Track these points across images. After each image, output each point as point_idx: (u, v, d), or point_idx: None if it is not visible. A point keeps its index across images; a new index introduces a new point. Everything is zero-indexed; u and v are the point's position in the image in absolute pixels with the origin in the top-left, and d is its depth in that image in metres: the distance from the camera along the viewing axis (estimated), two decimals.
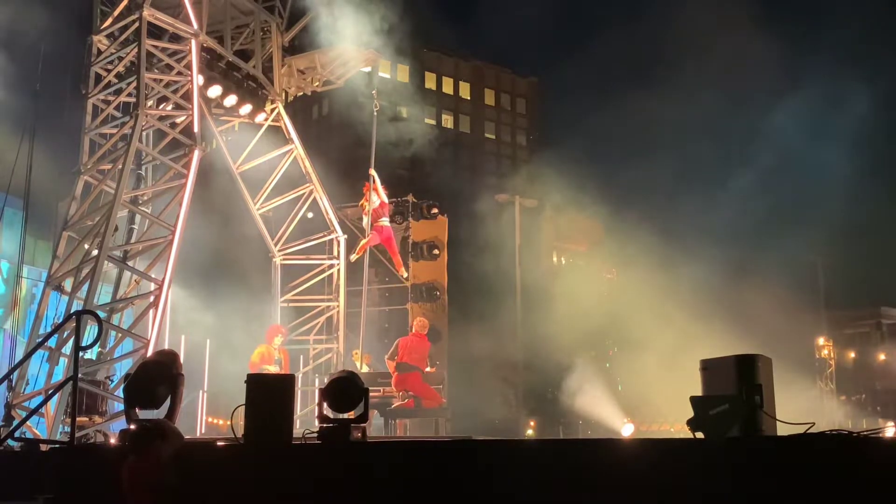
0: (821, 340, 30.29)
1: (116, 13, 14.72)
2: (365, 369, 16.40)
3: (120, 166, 13.33)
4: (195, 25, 14.83)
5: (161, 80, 14.53)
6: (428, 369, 14.64)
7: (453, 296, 20.85)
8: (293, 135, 17.71)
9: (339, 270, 17.97)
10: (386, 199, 16.41)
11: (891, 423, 17.26)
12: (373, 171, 16.01)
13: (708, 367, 7.74)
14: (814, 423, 7.08)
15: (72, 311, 11.83)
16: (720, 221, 25.49)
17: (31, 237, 16.38)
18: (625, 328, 21.34)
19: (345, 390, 7.58)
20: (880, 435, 7.61)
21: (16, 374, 12.19)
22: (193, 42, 14.69)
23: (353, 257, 16.97)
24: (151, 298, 13.12)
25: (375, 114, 17.30)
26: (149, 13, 14.25)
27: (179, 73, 14.58)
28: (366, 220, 16.06)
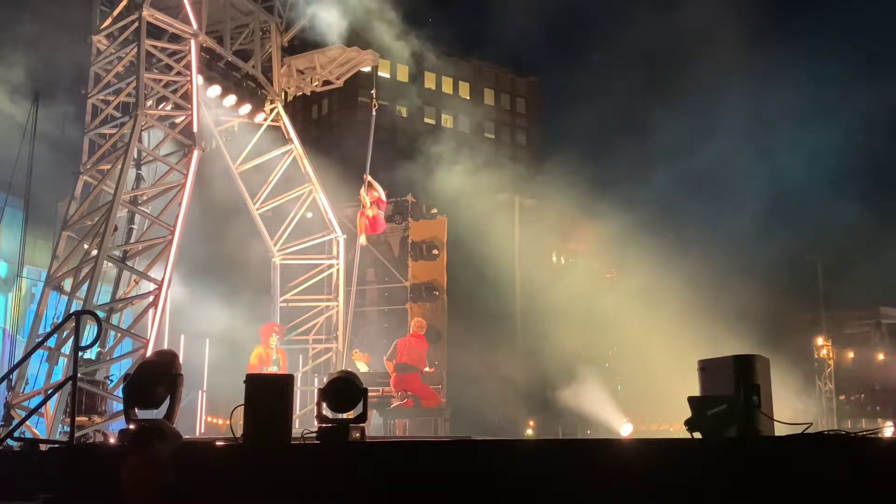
0: (819, 340, 30.27)
1: (116, 13, 14.73)
2: (364, 368, 16.42)
3: (119, 166, 13.35)
4: (195, 25, 14.85)
5: (160, 80, 14.55)
6: (427, 369, 14.66)
7: (453, 296, 20.85)
8: (292, 135, 17.72)
9: (338, 270, 17.99)
10: (384, 197, 16.24)
11: (889, 424, 17.28)
12: (368, 175, 15.98)
13: (706, 367, 7.76)
14: (812, 423, 7.09)
15: (71, 311, 11.84)
16: (720, 221, 25.50)
17: (31, 237, 16.39)
18: (624, 328, 21.35)
19: (344, 390, 7.59)
20: (879, 435, 7.63)
21: (15, 373, 12.20)
22: (193, 42, 14.70)
23: (362, 240, 16.82)
24: (151, 298, 13.13)
25: (374, 114, 17.33)
26: (148, 13, 14.26)
27: (179, 73, 14.59)
28: (366, 222, 16.02)
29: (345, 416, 7.72)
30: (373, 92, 17.81)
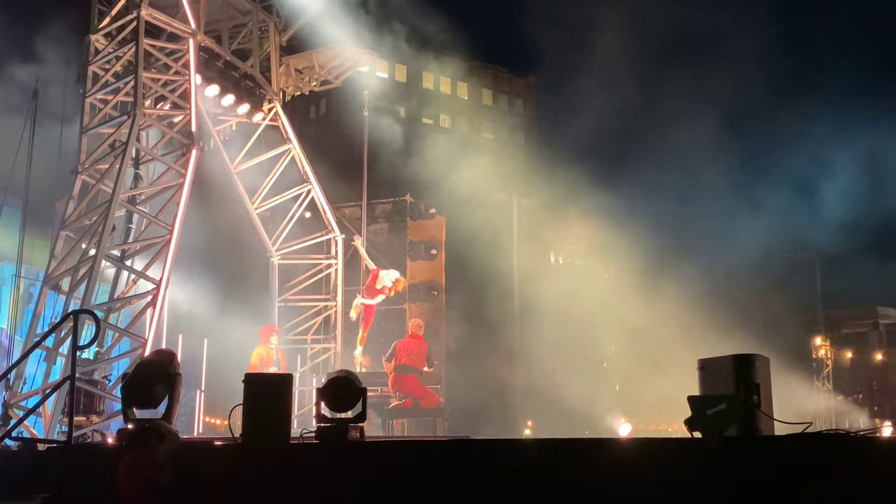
0: (818, 340, 30.28)
1: (114, 12, 14.74)
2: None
3: (117, 165, 13.33)
4: (193, 25, 14.84)
5: (159, 80, 14.55)
6: (426, 369, 14.63)
7: (451, 295, 20.83)
8: (291, 134, 17.71)
9: (336, 270, 17.99)
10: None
11: (888, 423, 17.29)
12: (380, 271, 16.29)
13: (705, 366, 7.74)
14: (811, 423, 7.09)
15: (69, 311, 11.82)
16: (719, 221, 25.49)
17: (29, 236, 16.38)
18: (622, 328, 21.33)
19: (342, 390, 7.57)
20: (877, 435, 7.64)
21: (13, 373, 12.19)
22: (191, 41, 14.70)
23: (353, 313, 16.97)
24: (149, 298, 13.12)
25: (366, 115, 17.36)
26: (147, 12, 14.26)
27: (177, 73, 14.59)
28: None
29: (344, 415, 7.69)
30: (366, 93, 17.86)
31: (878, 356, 32.82)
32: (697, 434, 6.96)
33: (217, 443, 7.76)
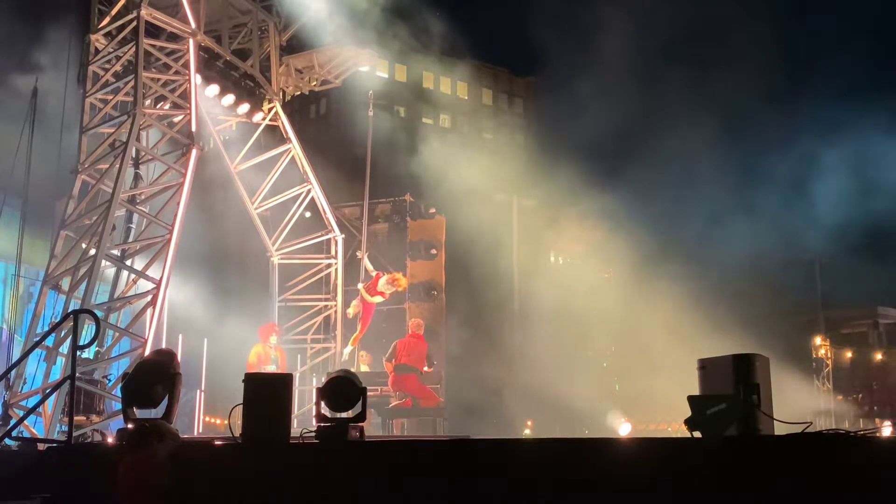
0: (818, 340, 30.31)
1: (114, 12, 14.75)
2: (365, 369, 16.41)
3: (117, 165, 13.33)
4: (193, 24, 14.84)
5: (159, 80, 14.55)
6: (425, 368, 14.64)
7: (451, 295, 20.84)
8: (291, 134, 17.71)
9: (336, 270, 17.98)
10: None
11: (888, 423, 17.31)
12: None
13: (705, 366, 7.74)
14: (811, 423, 7.09)
15: (69, 310, 11.82)
16: (718, 221, 25.50)
17: (29, 236, 16.36)
18: (622, 327, 21.35)
19: (343, 389, 7.57)
20: (877, 434, 7.64)
21: (13, 372, 12.18)
22: (191, 41, 14.70)
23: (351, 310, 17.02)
24: (149, 297, 13.11)
25: (371, 115, 17.34)
26: (147, 12, 14.26)
27: (177, 73, 14.59)
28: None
29: (344, 415, 7.69)
30: (370, 93, 17.85)
31: (878, 356, 32.84)
32: (697, 434, 6.96)
33: (217, 443, 7.75)
